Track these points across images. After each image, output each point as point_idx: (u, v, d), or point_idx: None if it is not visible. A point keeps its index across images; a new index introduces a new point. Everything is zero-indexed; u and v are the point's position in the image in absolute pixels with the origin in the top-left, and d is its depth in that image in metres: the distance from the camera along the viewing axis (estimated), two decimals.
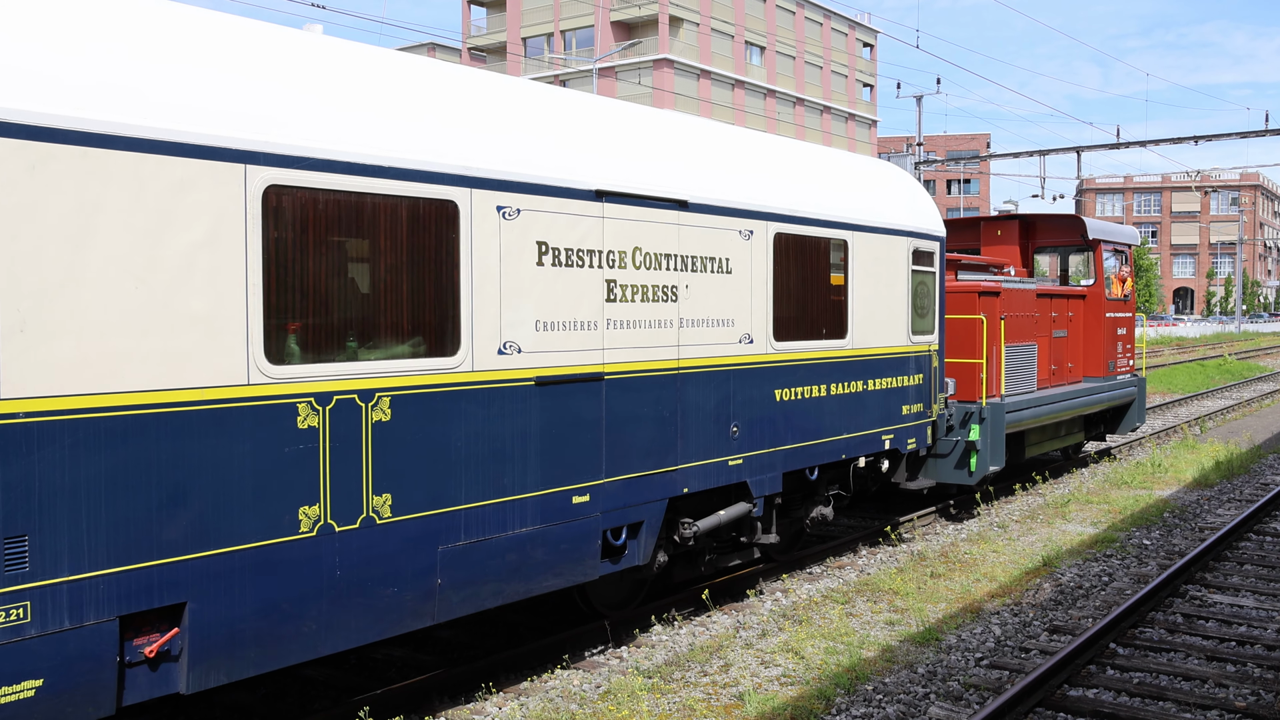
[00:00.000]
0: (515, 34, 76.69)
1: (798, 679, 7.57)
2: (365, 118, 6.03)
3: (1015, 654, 8.16)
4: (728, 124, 9.77)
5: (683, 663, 7.90)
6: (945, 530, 12.88)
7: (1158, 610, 9.24)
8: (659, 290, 7.90)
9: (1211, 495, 14.75)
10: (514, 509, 6.81)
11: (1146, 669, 7.75)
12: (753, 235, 8.85)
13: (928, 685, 7.43)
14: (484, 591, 6.68)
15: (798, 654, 8.06)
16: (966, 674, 7.64)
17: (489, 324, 6.61)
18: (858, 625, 8.86)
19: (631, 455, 7.71)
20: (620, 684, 7.30)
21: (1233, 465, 16.77)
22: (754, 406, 8.92)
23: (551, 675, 7.87)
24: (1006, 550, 11.52)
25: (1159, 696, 7.21)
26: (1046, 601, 9.55)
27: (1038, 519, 13.26)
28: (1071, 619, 9.00)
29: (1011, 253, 16.82)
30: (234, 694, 7.20)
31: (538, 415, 6.95)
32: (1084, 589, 9.98)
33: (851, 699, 7.15)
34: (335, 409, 5.75)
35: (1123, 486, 15.43)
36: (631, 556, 7.92)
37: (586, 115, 7.82)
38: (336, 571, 5.78)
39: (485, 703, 7.28)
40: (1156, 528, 12.67)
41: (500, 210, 6.66)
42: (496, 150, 6.72)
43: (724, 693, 7.34)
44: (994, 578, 10.37)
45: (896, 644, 8.35)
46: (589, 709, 6.97)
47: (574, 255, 7.19)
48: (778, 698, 7.16)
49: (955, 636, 8.53)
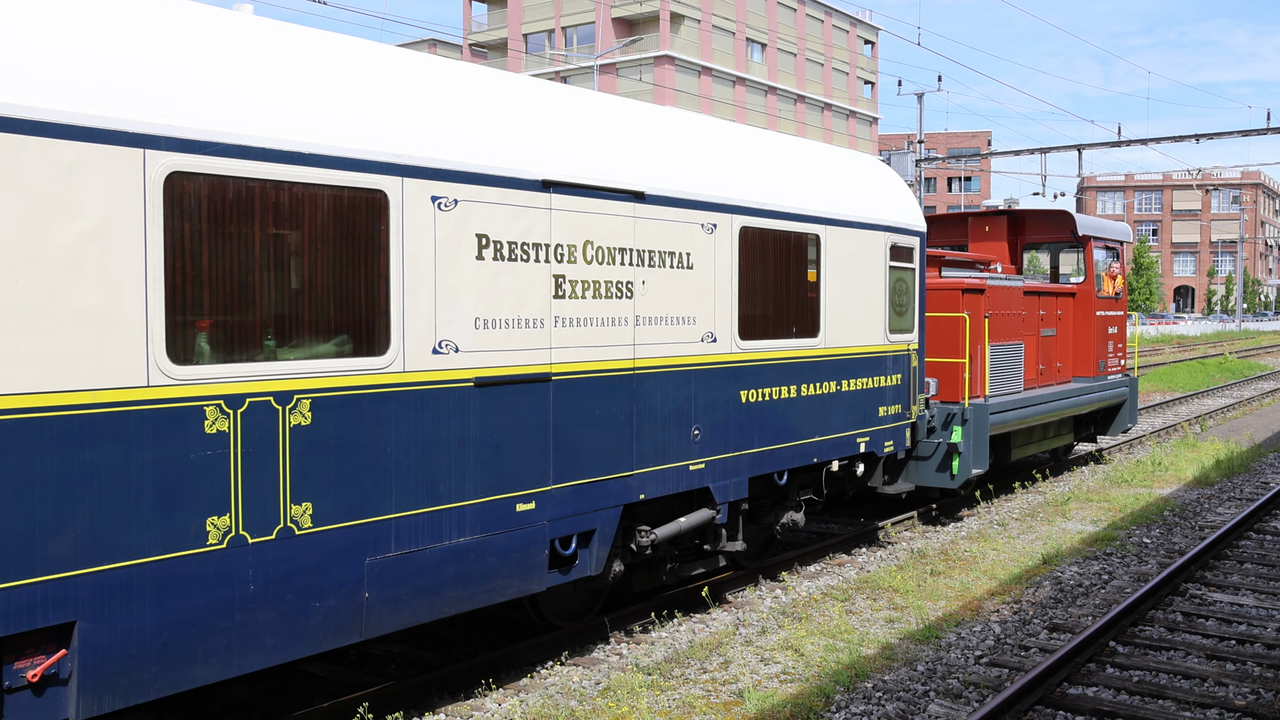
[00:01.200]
0: (516, 30, 76.61)
1: (797, 676, 7.57)
2: (285, 101, 5.64)
3: (1015, 652, 8.15)
4: (690, 111, 9.38)
5: (682, 660, 7.89)
6: (945, 528, 12.88)
7: (1158, 609, 9.23)
8: (612, 286, 7.48)
9: (1212, 494, 14.73)
10: (451, 518, 6.41)
11: (1146, 667, 7.74)
12: (716, 229, 8.44)
13: (927, 683, 7.43)
14: (418, 605, 6.29)
15: (797, 651, 8.06)
16: (966, 672, 7.63)
17: (422, 322, 6.21)
18: (857, 623, 8.86)
19: (582, 460, 7.30)
20: (620, 681, 7.30)
21: (1233, 464, 16.74)
22: (718, 408, 8.51)
23: (551, 672, 7.86)
24: (1006, 548, 11.51)
25: (1159, 695, 7.20)
26: (1046, 600, 9.55)
27: (1038, 517, 13.25)
28: (1071, 617, 8.99)
29: (1000, 249, 16.45)
30: (234, 689, 7.20)
31: (477, 418, 6.54)
32: (1084, 587, 9.98)
33: (851, 696, 7.15)
34: (248, 412, 5.36)
35: (1123, 485, 15.41)
36: (583, 567, 7.50)
37: (533, 102, 7.41)
38: (250, 586, 5.40)
39: (485, 699, 7.28)
40: (1157, 526, 12.65)
41: (435, 201, 6.27)
42: (431, 137, 6.33)
43: (724, 690, 7.33)
44: (994, 576, 10.37)
45: (896, 641, 8.34)
46: (588, 705, 6.96)
47: (518, 249, 6.78)
48: (777, 695, 7.16)
49: (955, 634, 8.52)
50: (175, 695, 6.57)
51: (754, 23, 78.00)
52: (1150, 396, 29.27)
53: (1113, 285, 17.15)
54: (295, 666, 7.59)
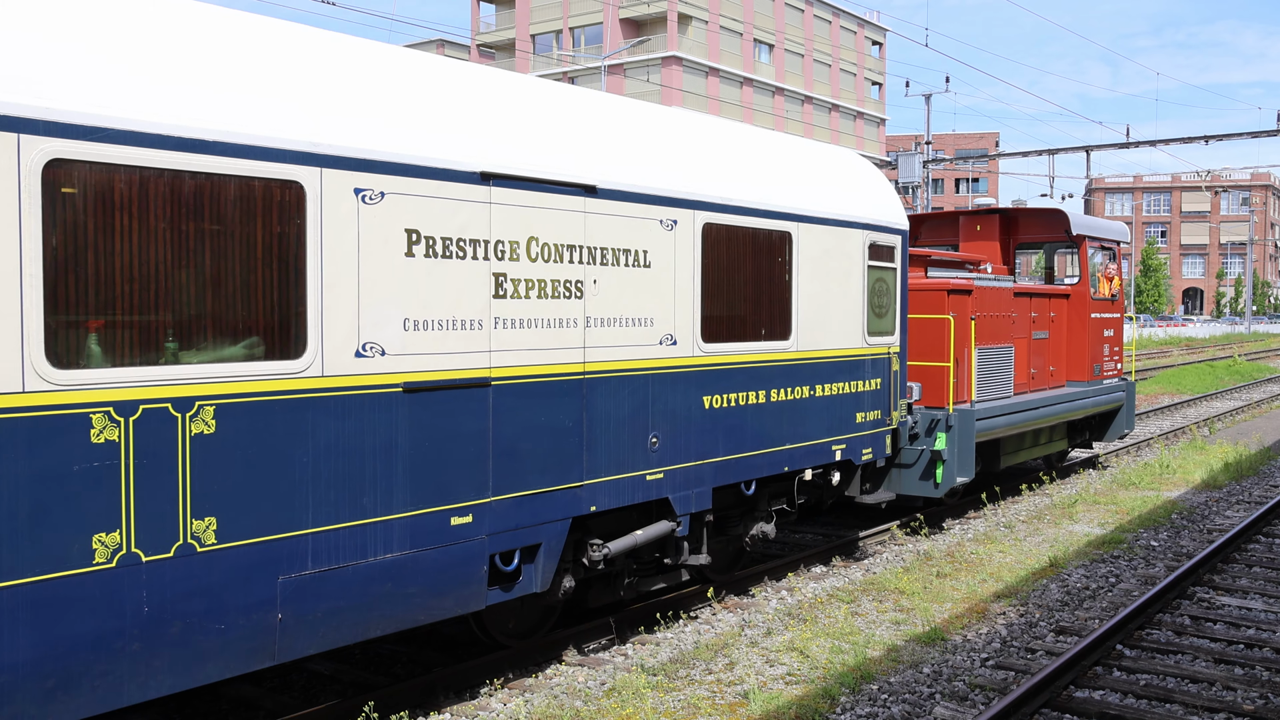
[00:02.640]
0: (524, 31, 76.65)
1: (803, 678, 7.55)
2: (186, 84, 5.21)
3: (1021, 655, 8.12)
4: (651, 103, 8.93)
5: (688, 660, 7.88)
6: (952, 530, 12.84)
7: (1165, 612, 9.19)
8: (560, 285, 7.04)
9: (1220, 497, 14.66)
10: (377, 532, 5.97)
11: (1153, 671, 7.71)
12: (677, 225, 7.97)
13: (933, 685, 7.41)
14: (340, 626, 5.86)
15: (803, 653, 8.04)
16: (972, 674, 7.61)
17: (344, 323, 5.77)
18: (863, 624, 8.83)
19: (526, 470, 6.85)
20: (625, 681, 7.29)
21: (1242, 467, 16.66)
22: (678, 415, 8.04)
23: (556, 672, 7.86)
24: (1013, 550, 11.47)
25: (1166, 699, 7.17)
26: (1053, 602, 9.52)
27: (1044, 519, 13.20)
28: (1078, 620, 8.96)
29: (991, 249, 15.95)
30: (239, 687, 7.21)
31: (407, 426, 6.10)
32: (1091, 590, 9.95)
33: (857, 698, 7.13)
34: (141, 420, 4.94)
35: (1130, 487, 15.35)
36: (527, 583, 7.09)
37: (472, 90, 6.95)
38: (144, 608, 4.98)
39: (490, 698, 7.28)
40: (1164, 529, 12.61)
41: (359, 193, 5.82)
42: (355, 125, 5.87)
43: (729, 691, 7.32)
44: (1000, 578, 10.34)
45: (902, 643, 8.32)
46: (593, 706, 6.95)
47: (453, 245, 6.34)
48: (783, 696, 7.14)
49: (961, 636, 8.50)
50: (179, 694, 6.56)
51: (761, 23, 77.93)
52: (1158, 399, 29.19)
53: (1109, 286, 16.68)
54: (301, 665, 7.59)
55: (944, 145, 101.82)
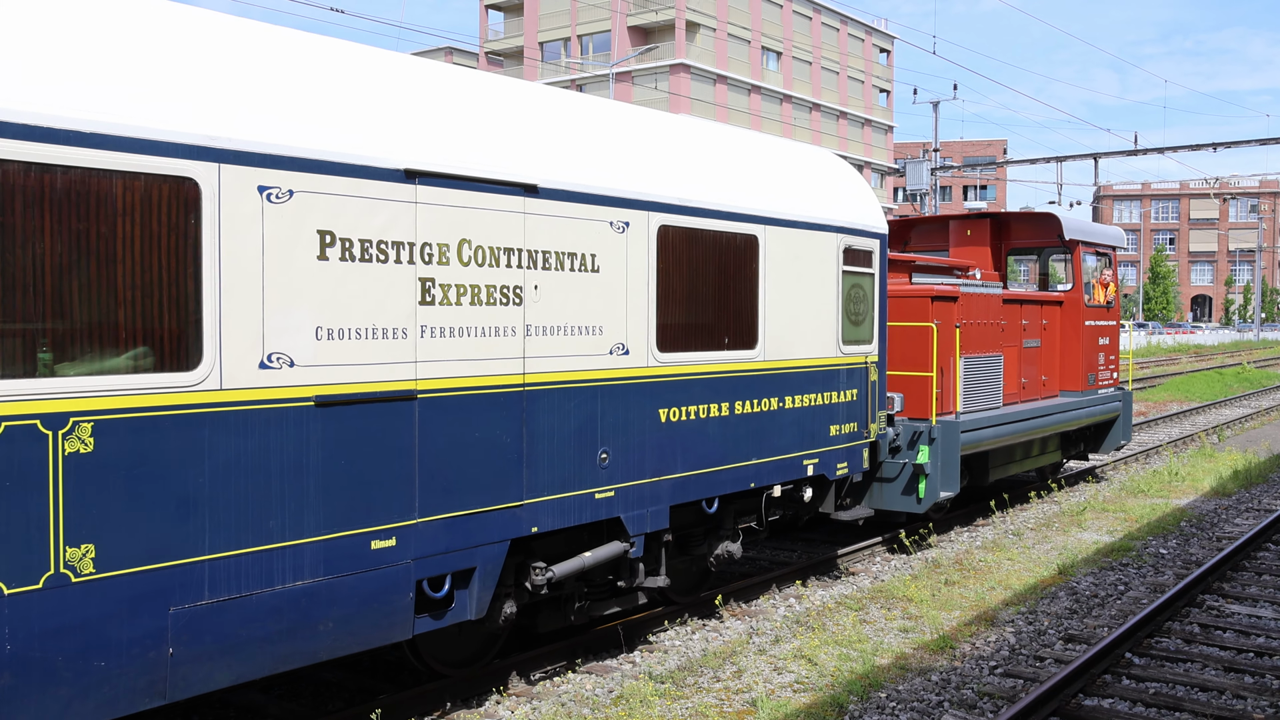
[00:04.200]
0: (533, 39, 76.80)
1: (811, 685, 7.54)
2: (62, 72, 4.80)
3: (1030, 662, 8.10)
4: (601, 98, 8.44)
5: (695, 668, 7.87)
6: (960, 537, 12.81)
7: (1174, 620, 9.16)
8: (496, 291, 6.59)
9: (1229, 504, 14.61)
10: (286, 557, 5.51)
11: (1163, 679, 7.69)
12: (629, 228, 7.51)
13: (941, 693, 7.39)
14: (245, 658, 5.38)
15: (811, 660, 8.03)
16: (980, 682, 7.60)
17: (245, 331, 5.31)
18: (871, 632, 8.82)
19: (457, 489, 6.38)
20: (632, 689, 7.28)
21: (1251, 474, 16.59)
22: (630, 429, 7.57)
23: (564, 679, 7.86)
24: (1021, 558, 11.44)
25: (1175, 707, 7.14)
26: (1062, 610, 9.49)
27: (1053, 527, 13.16)
28: (1087, 628, 8.94)
29: (982, 255, 15.48)
30: (248, 694, 7.22)
31: (320, 443, 5.65)
32: (1100, 598, 9.92)
33: (865, 706, 7.12)
34: (3, 438, 4.51)
35: (1139, 495, 15.31)
36: (461, 610, 6.61)
37: (397, 82, 6.45)
38: (6, 646, 4.54)
39: (497, 706, 7.27)
40: (1173, 537, 12.57)
41: (264, 191, 5.37)
42: (258, 119, 5.40)
43: (737, 699, 7.31)
44: (1009, 585, 10.31)
45: (910, 651, 8.31)
46: (601, 714, 6.95)
47: (374, 248, 5.89)
48: (791, 704, 7.13)
49: (969, 644, 8.48)
50: (189, 701, 6.48)
51: (769, 31, 77.97)
52: (1167, 406, 29.14)
53: (1104, 293, 16.22)
54: (308, 673, 7.60)
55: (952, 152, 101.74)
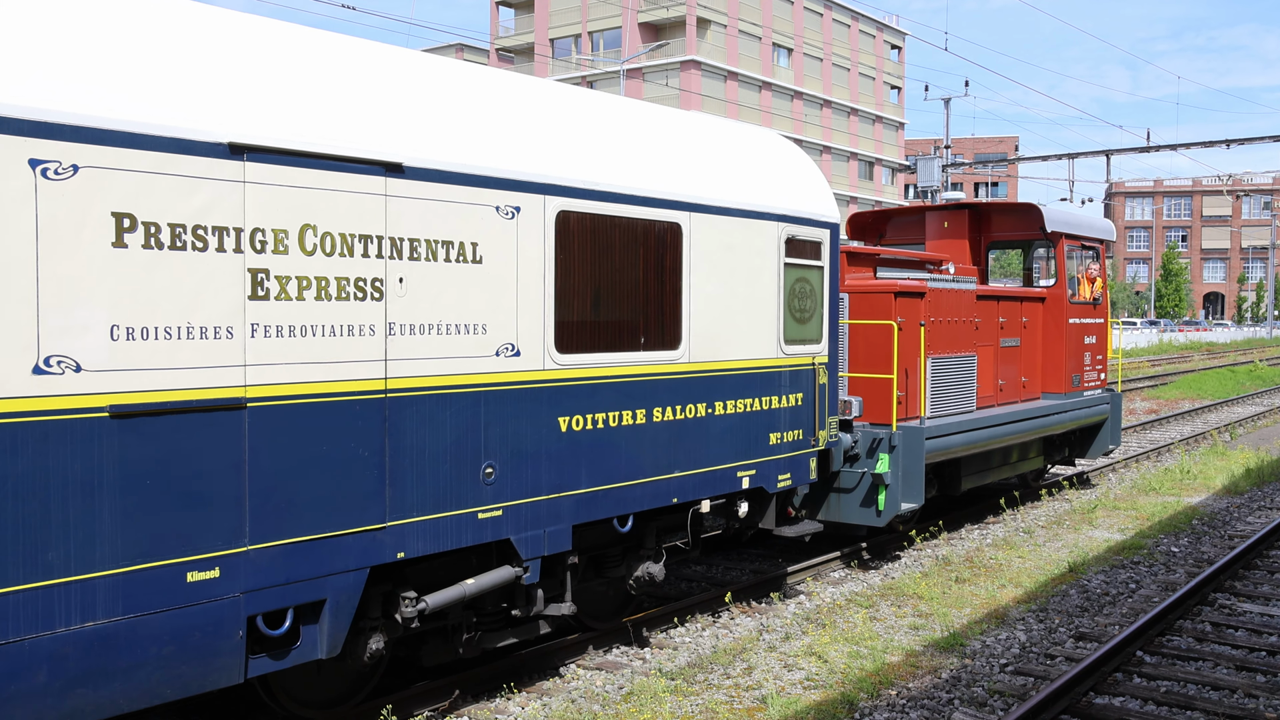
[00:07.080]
0: (543, 35, 76.85)
1: (821, 682, 7.54)
2: None
3: (1040, 660, 8.09)
4: (495, 69, 7.55)
5: (705, 665, 7.88)
6: (970, 535, 12.80)
7: (1186, 618, 9.13)
8: (350, 284, 5.75)
9: (1241, 503, 14.56)
10: (72, 595, 4.72)
11: (1174, 678, 7.67)
12: (520, 213, 6.66)
13: (952, 691, 7.39)
14: (20, 714, 4.61)
15: (821, 657, 8.03)
16: (991, 680, 7.59)
17: (15, 332, 4.53)
18: (882, 629, 8.82)
19: (300, 511, 5.54)
20: (643, 685, 7.30)
21: (1263, 472, 16.54)
22: (523, 440, 6.72)
23: (574, 676, 7.88)
24: (1032, 556, 11.42)
25: (1187, 706, 7.12)
26: (1073, 608, 9.47)
27: (1064, 525, 13.14)
28: (1098, 626, 8.91)
29: (959, 248, 14.54)
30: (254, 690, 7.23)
31: (118, 460, 4.85)
32: (1111, 596, 9.90)
33: (875, 703, 7.12)
34: None
35: (1151, 493, 15.26)
36: (309, 648, 5.76)
37: (223, 43, 5.52)
38: None
39: (508, 702, 7.30)
40: (1185, 535, 12.53)
41: (37, 165, 4.56)
42: (28, 79, 4.60)
43: (747, 695, 7.32)
44: (1019, 583, 10.30)
45: (921, 649, 8.30)
46: (611, 710, 6.96)
47: (188, 234, 5.06)
48: (801, 701, 7.14)
49: (980, 642, 8.48)
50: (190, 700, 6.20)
51: (780, 28, 77.93)
52: (1179, 404, 29.05)
53: (1091, 289, 15.30)
54: None
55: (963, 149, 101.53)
